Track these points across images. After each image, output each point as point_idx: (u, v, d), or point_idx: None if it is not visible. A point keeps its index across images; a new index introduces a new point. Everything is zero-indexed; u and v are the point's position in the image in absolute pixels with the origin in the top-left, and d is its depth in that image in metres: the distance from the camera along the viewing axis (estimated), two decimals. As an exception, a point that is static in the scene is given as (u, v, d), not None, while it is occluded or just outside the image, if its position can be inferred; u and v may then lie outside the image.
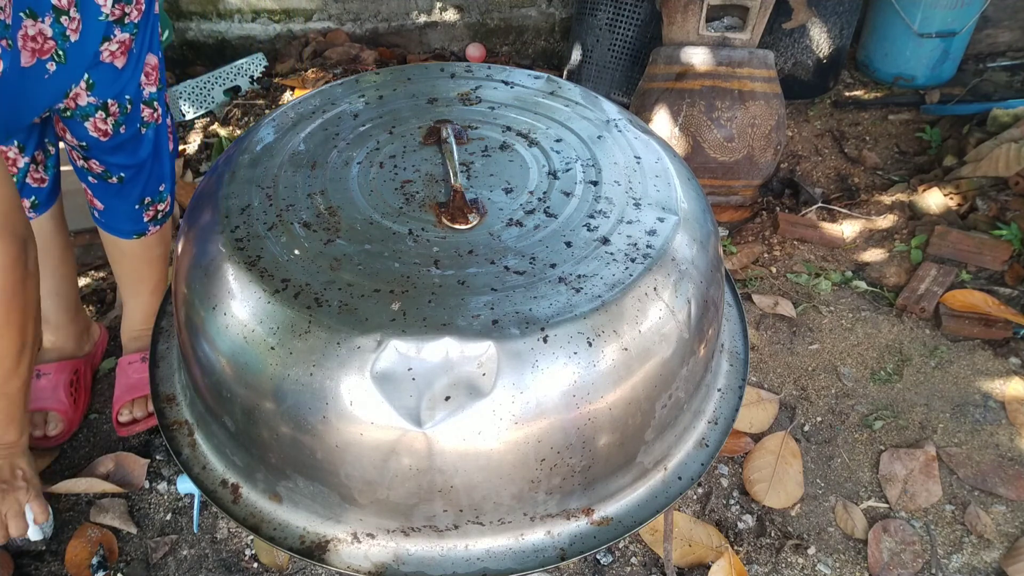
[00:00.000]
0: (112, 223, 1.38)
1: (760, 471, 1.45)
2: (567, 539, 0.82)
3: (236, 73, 2.54)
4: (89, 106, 1.17)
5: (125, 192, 1.32)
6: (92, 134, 1.21)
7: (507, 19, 2.70)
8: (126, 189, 1.32)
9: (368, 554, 0.81)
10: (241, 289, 0.78)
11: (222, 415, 0.83)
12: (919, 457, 1.47)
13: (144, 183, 1.34)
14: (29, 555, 1.32)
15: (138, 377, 1.48)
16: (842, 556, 1.34)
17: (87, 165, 1.28)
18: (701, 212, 0.93)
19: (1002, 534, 1.36)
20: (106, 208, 1.35)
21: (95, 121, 1.19)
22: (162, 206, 1.40)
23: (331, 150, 0.96)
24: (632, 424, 0.79)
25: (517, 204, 0.88)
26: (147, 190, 1.35)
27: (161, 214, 1.40)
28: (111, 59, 1.16)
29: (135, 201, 1.34)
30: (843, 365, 1.67)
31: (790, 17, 2.32)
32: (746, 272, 1.91)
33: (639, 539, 1.35)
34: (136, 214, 1.36)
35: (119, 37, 1.15)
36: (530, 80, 1.11)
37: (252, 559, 1.32)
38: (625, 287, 0.77)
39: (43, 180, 1.29)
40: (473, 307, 0.74)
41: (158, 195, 1.37)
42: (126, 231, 1.39)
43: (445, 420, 0.71)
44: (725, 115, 1.92)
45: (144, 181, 1.33)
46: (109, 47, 1.14)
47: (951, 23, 2.38)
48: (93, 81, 1.15)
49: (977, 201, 1.98)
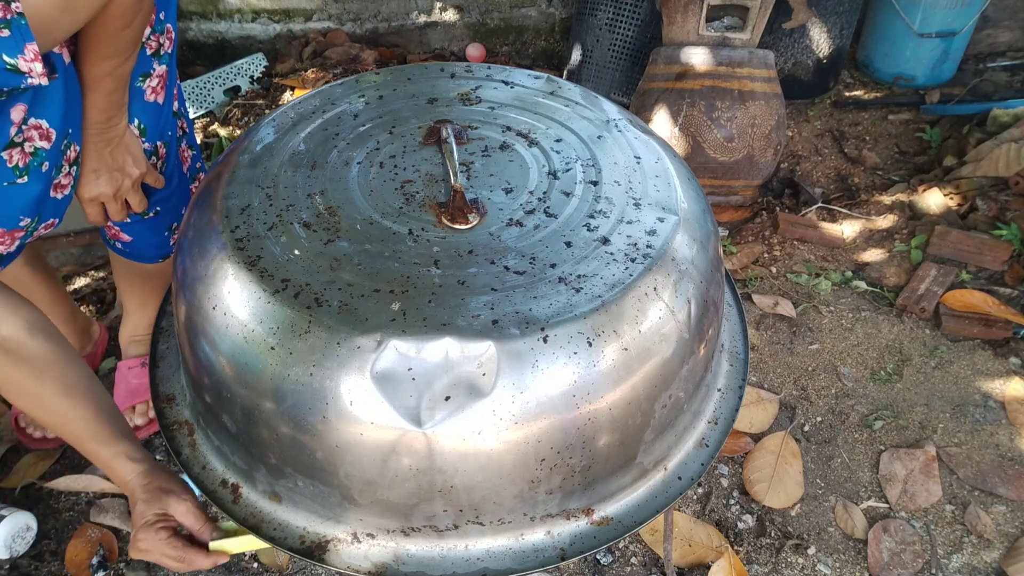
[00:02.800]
0: (138, 252, 1.34)
1: (760, 471, 1.45)
2: (567, 539, 0.82)
3: (236, 73, 2.54)
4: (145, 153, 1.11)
5: (158, 223, 1.29)
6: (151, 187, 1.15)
7: (507, 19, 2.70)
8: (159, 220, 1.28)
9: (368, 554, 0.81)
10: (241, 289, 0.78)
11: (222, 415, 0.83)
12: (919, 457, 1.47)
13: (174, 210, 1.30)
14: (28, 555, 1.32)
15: (137, 383, 1.47)
16: (842, 556, 1.34)
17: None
18: (701, 212, 0.93)
19: (1002, 534, 1.36)
20: (134, 239, 1.30)
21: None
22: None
23: (331, 150, 0.96)
24: (632, 424, 0.79)
25: (517, 204, 0.88)
26: (175, 216, 1.32)
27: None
28: (154, 96, 1.10)
29: (165, 228, 1.31)
30: (843, 365, 1.67)
31: (790, 17, 2.32)
32: (746, 272, 1.91)
33: (639, 539, 1.35)
34: (165, 240, 1.33)
35: (158, 71, 1.09)
36: (530, 80, 1.11)
37: (252, 559, 1.32)
38: (625, 287, 0.77)
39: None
40: (473, 307, 0.74)
41: (180, 217, 1.34)
42: (152, 257, 1.35)
43: (445, 420, 0.71)
44: (725, 115, 1.92)
45: (175, 210, 1.30)
46: (150, 83, 1.08)
47: (951, 23, 2.38)
48: (144, 126, 1.09)
49: (977, 201, 1.98)
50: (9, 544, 1.28)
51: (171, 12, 1.10)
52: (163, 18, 1.07)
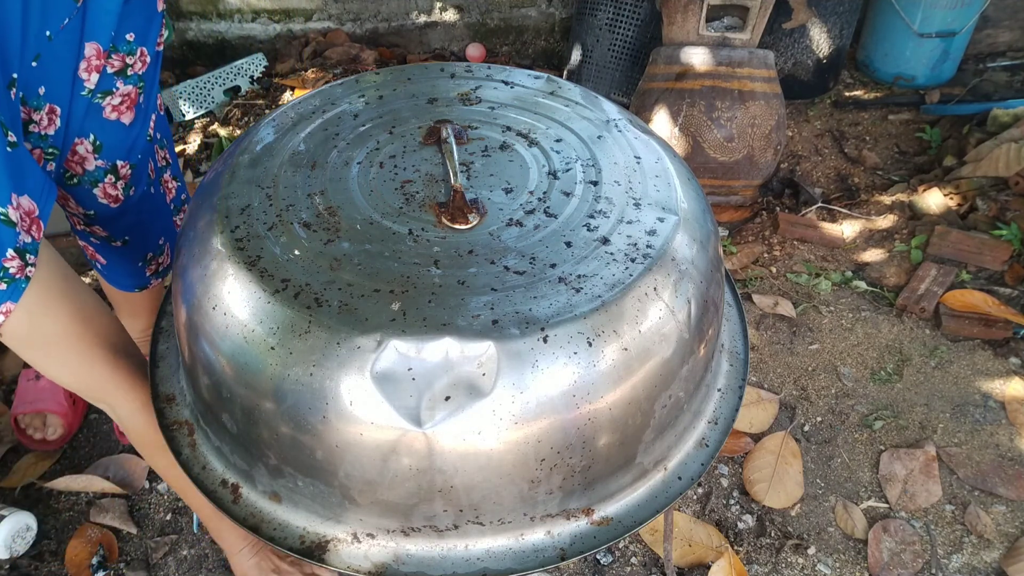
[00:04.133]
0: (114, 277, 1.33)
1: (760, 471, 1.45)
2: (567, 539, 0.82)
3: (236, 73, 2.54)
4: (98, 170, 1.07)
5: (128, 252, 1.27)
6: (102, 201, 1.11)
7: (507, 19, 2.70)
8: (130, 250, 1.26)
9: (368, 554, 0.81)
10: (241, 289, 0.78)
11: (222, 415, 0.83)
12: (919, 457, 1.47)
13: (146, 242, 1.28)
14: (28, 555, 1.32)
15: None
16: (842, 556, 1.34)
17: (90, 230, 1.21)
18: (701, 212, 0.93)
19: (1002, 534, 1.36)
20: (109, 263, 1.29)
21: (104, 187, 1.10)
22: (162, 258, 1.34)
23: (331, 150, 0.96)
24: (632, 424, 0.79)
25: (517, 204, 0.88)
26: (149, 246, 1.29)
27: (162, 267, 1.35)
28: (116, 115, 1.06)
29: (138, 259, 1.29)
30: (843, 365, 1.67)
31: (790, 17, 2.32)
32: (746, 272, 1.91)
33: (639, 539, 1.35)
34: (139, 270, 1.31)
35: (122, 90, 1.05)
36: (530, 80, 1.11)
37: (252, 559, 1.32)
38: (625, 287, 0.77)
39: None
40: (473, 307, 0.74)
41: (159, 248, 1.32)
42: (128, 285, 1.33)
43: (445, 420, 0.71)
44: (725, 115, 1.92)
45: (146, 240, 1.27)
46: (111, 101, 1.04)
47: (951, 23, 2.38)
48: (100, 142, 1.06)
49: (977, 201, 1.98)
50: (9, 544, 1.28)
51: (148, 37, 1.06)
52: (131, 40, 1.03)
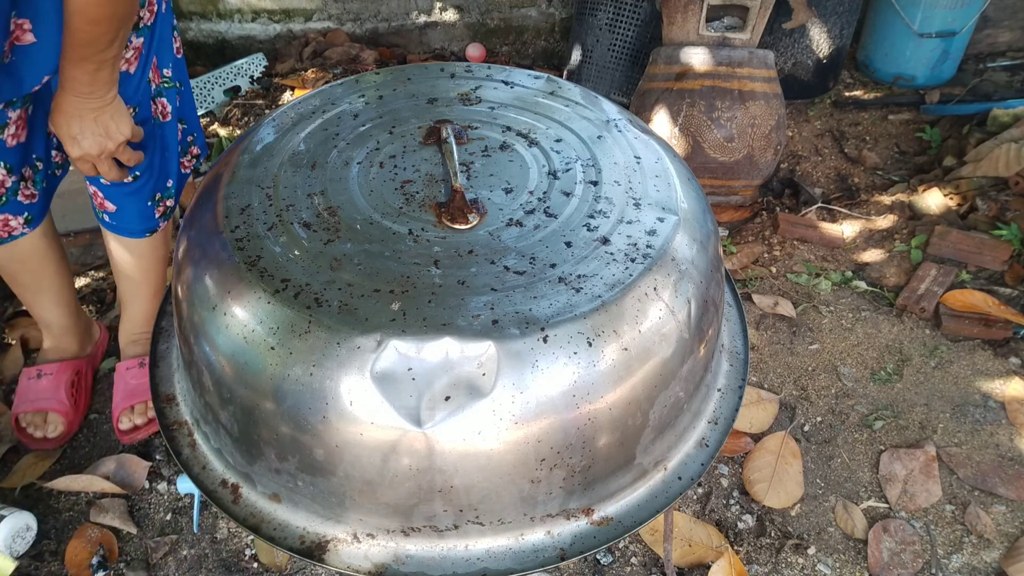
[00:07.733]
0: (124, 224, 1.37)
1: (760, 471, 1.45)
2: (567, 539, 0.82)
3: (236, 73, 2.54)
4: None
5: (139, 190, 1.32)
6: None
7: (507, 19, 2.70)
8: (140, 187, 1.32)
9: (368, 554, 0.81)
10: (241, 289, 0.78)
11: (222, 415, 0.83)
12: (919, 457, 1.47)
13: (156, 180, 1.33)
14: (28, 555, 1.32)
15: (136, 383, 1.48)
16: (842, 556, 1.34)
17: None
18: (701, 212, 0.93)
19: (1002, 534, 1.36)
20: (119, 209, 1.34)
21: None
22: (170, 202, 1.40)
23: (331, 150, 0.96)
24: (632, 424, 0.79)
25: (517, 204, 0.88)
26: (158, 186, 1.35)
27: (169, 210, 1.41)
28: (125, 66, 1.14)
29: (148, 198, 1.34)
30: (843, 365, 1.67)
31: (790, 17, 2.32)
32: (746, 272, 1.91)
33: (639, 539, 1.35)
34: (149, 211, 1.36)
35: (134, 43, 1.13)
36: (530, 80, 1.11)
37: (252, 559, 1.32)
38: (625, 287, 0.77)
39: (33, 196, 1.27)
40: (473, 307, 0.74)
41: (166, 191, 1.38)
42: (138, 230, 1.38)
43: (445, 420, 0.71)
44: (725, 115, 1.92)
45: (156, 178, 1.33)
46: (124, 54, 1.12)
47: (951, 23, 2.38)
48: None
49: (977, 201, 1.98)
50: (9, 544, 1.28)
51: None
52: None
